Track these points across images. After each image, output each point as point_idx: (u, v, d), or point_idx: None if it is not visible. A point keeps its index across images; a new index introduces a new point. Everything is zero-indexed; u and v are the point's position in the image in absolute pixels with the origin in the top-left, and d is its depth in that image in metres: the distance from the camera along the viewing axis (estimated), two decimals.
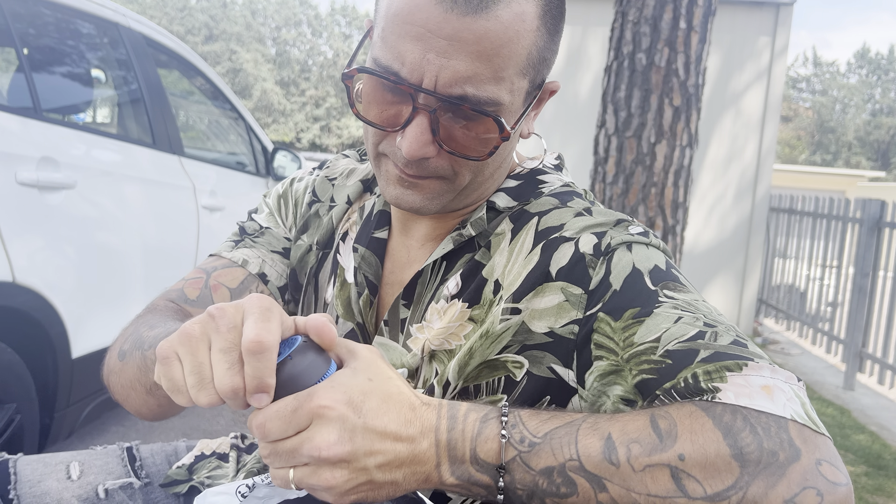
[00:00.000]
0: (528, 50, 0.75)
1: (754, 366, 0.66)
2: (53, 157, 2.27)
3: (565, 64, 6.60)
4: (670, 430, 0.62)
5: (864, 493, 3.26)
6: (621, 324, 0.73)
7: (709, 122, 6.33)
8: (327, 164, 1.09)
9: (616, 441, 0.62)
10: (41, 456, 1.04)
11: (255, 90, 45.13)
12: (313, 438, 0.60)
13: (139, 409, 0.90)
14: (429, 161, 0.78)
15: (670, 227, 3.60)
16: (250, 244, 1.03)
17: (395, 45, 0.73)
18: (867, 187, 20.34)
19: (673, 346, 0.69)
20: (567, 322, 0.78)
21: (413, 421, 0.64)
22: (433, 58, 0.71)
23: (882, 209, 5.40)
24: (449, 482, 0.65)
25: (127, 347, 0.89)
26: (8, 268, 2.06)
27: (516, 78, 0.76)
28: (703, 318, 0.72)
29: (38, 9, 2.47)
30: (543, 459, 0.63)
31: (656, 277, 0.76)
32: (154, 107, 3.04)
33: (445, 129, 0.76)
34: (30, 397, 2.20)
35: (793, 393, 0.65)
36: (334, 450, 0.60)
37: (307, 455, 0.60)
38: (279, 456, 0.62)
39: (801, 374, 5.62)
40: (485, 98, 0.73)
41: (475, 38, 0.71)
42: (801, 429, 0.62)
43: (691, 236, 6.38)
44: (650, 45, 3.52)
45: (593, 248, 0.79)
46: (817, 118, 49.58)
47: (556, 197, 0.88)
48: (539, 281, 0.80)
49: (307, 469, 0.61)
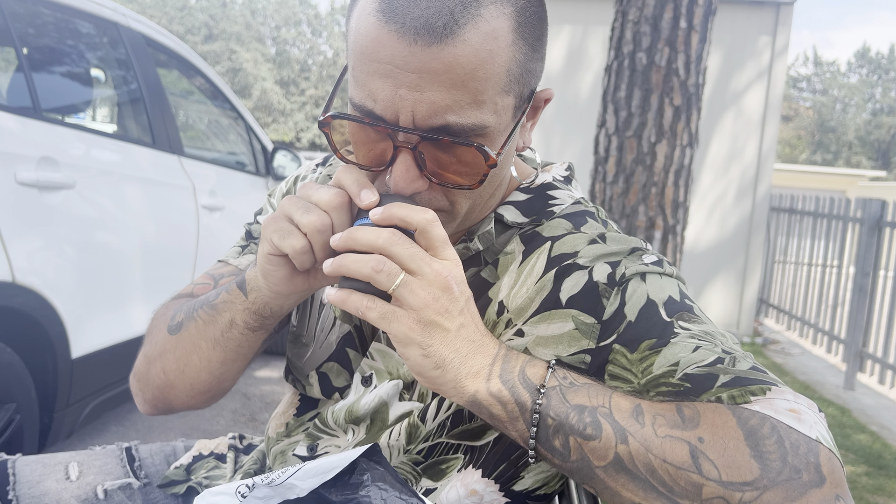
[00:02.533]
0: (507, 66, 0.71)
1: (777, 390, 0.66)
2: (53, 156, 2.26)
3: (565, 63, 6.59)
4: (693, 418, 0.64)
5: (864, 493, 3.26)
6: (638, 355, 0.73)
7: (709, 121, 6.33)
8: (329, 162, 1.07)
9: (644, 409, 0.66)
10: (40, 456, 1.04)
11: (255, 90, 45.12)
12: (448, 266, 0.69)
13: (196, 378, 0.91)
14: (422, 195, 0.75)
15: (671, 227, 3.60)
16: (255, 249, 1.03)
17: (365, 84, 0.70)
18: (868, 187, 20.33)
19: (692, 370, 0.69)
20: (577, 351, 0.77)
21: (485, 332, 0.73)
22: (405, 93, 0.68)
23: (882, 209, 5.40)
24: (493, 386, 0.69)
25: (182, 318, 0.92)
26: (7, 268, 2.06)
27: (499, 97, 0.72)
28: (721, 346, 0.72)
29: (37, 8, 2.46)
30: (580, 397, 0.68)
31: (671, 308, 0.76)
32: (154, 106, 3.03)
33: (432, 161, 0.73)
34: (29, 397, 2.19)
35: (817, 419, 0.65)
36: (456, 285, 0.69)
37: (437, 269, 0.68)
38: (406, 249, 0.67)
39: (802, 373, 5.61)
40: (468, 125, 0.70)
41: (445, 68, 0.67)
42: (831, 457, 0.62)
43: (692, 236, 6.38)
44: (650, 44, 3.52)
45: (607, 277, 0.78)
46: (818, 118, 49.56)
47: (569, 219, 0.86)
48: (547, 307, 0.80)
49: (420, 279, 0.67)
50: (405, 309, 0.67)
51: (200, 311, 0.89)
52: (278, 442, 0.97)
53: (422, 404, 0.85)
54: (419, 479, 0.85)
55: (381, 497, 0.68)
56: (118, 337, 2.59)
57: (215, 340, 0.88)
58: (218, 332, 0.87)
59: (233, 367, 0.91)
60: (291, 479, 0.70)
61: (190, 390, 0.92)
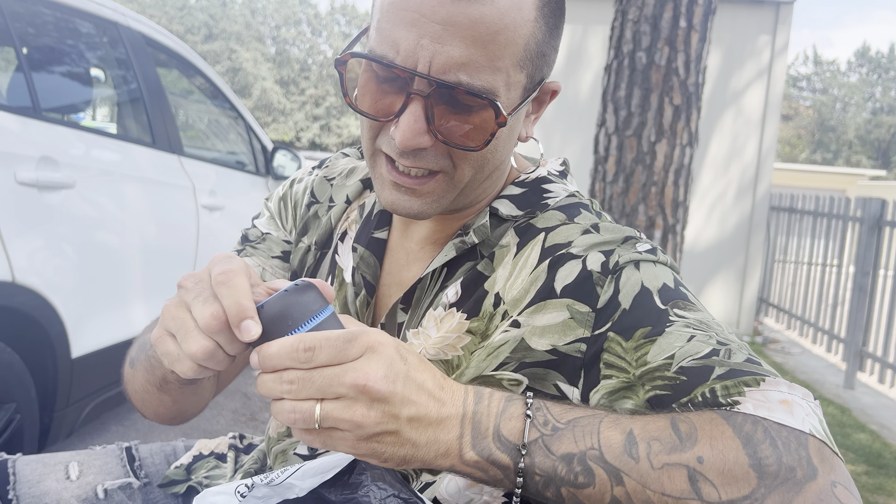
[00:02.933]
0: (526, 41, 0.74)
1: (772, 381, 0.66)
2: (53, 156, 2.26)
3: (566, 63, 6.59)
4: (690, 434, 0.62)
5: (864, 493, 3.26)
6: (633, 343, 0.73)
7: (709, 120, 6.33)
8: (326, 164, 1.07)
9: (637, 437, 0.62)
10: (40, 456, 1.04)
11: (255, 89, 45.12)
12: (361, 368, 0.59)
13: (157, 410, 0.91)
14: (425, 153, 0.76)
15: (670, 226, 3.59)
16: (251, 252, 1.03)
17: (389, 33, 0.72)
18: (868, 186, 20.32)
19: (687, 363, 0.69)
20: (573, 340, 0.77)
21: (444, 387, 0.64)
22: (427, 43, 0.70)
23: (882, 208, 5.40)
24: (468, 458, 0.64)
25: (134, 354, 0.91)
26: (7, 267, 2.06)
27: (513, 70, 0.74)
28: (716, 336, 0.72)
29: (37, 8, 2.46)
30: (565, 445, 0.63)
31: (665, 296, 0.76)
32: (153, 106, 3.03)
33: (441, 117, 0.74)
34: (29, 397, 2.19)
35: (810, 409, 0.65)
36: (380, 385, 0.59)
37: (350, 384, 0.58)
38: (311, 383, 0.58)
39: (802, 372, 5.62)
40: (479, 86, 0.72)
41: (470, 23, 0.70)
42: (821, 446, 0.62)
43: (692, 235, 6.38)
44: (650, 43, 3.52)
45: (601, 266, 0.78)
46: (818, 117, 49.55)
47: (563, 211, 0.86)
48: (542, 297, 0.79)
49: (340, 403, 0.59)
50: (342, 431, 0.61)
51: (142, 357, 0.87)
52: (279, 441, 0.97)
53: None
54: (419, 475, 0.85)
55: (380, 496, 0.68)
56: (118, 336, 2.59)
57: (159, 387, 0.86)
58: (158, 382, 0.85)
59: (190, 404, 0.91)
60: (290, 479, 0.70)
61: (156, 417, 0.93)
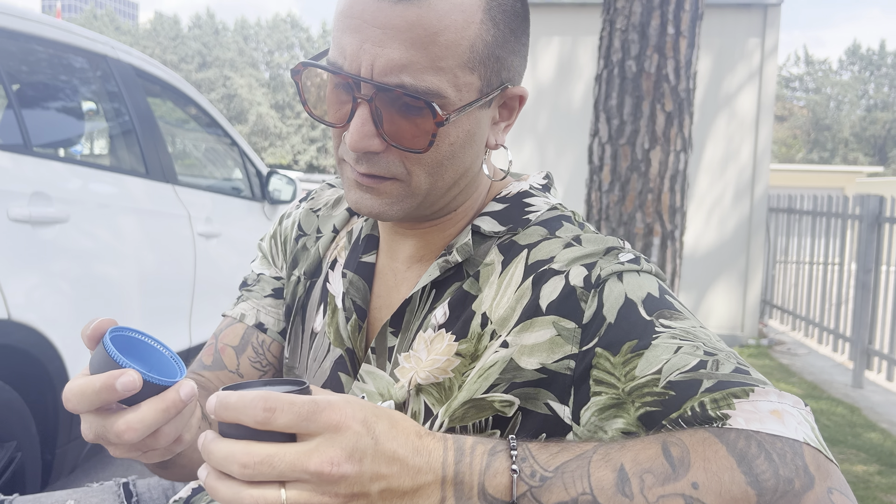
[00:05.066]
0: (472, 42, 0.74)
1: (761, 391, 0.65)
2: (45, 191, 2.26)
3: (556, 74, 6.61)
4: (683, 458, 0.61)
5: (877, 493, 3.22)
6: (620, 358, 0.72)
7: (703, 125, 6.33)
8: (311, 196, 1.08)
9: (629, 472, 0.60)
10: (37, 496, 1.03)
11: (251, 115, 45.36)
12: (325, 452, 0.55)
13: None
14: (378, 158, 0.77)
15: (669, 233, 3.59)
16: (247, 296, 1.04)
17: (338, 40, 0.75)
18: (866, 183, 20.34)
19: (675, 377, 0.68)
20: (562, 357, 0.76)
21: (420, 450, 0.61)
22: (369, 47, 0.72)
23: (881, 204, 5.39)
24: None
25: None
26: (3, 305, 2.05)
27: (460, 71, 0.74)
28: (703, 346, 0.71)
29: (24, 44, 2.47)
30: (555, 495, 0.61)
31: (650, 306, 0.75)
32: (145, 136, 3.04)
33: (388, 121, 0.75)
34: (30, 434, 2.18)
35: (801, 417, 0.65)
36: (345, 467, 0.55)
37: (314, 470, 0.54)
38: (272, 468, 0.54)
39: (810, 373, 5.58)
40: (423, 88, 0.73)
41: (407, 26, 0.71)
42: (815, 454, 0.61)
43: (691, 240, 6.37)
44: (639, 51, 3.53)
45: (583, 280, 0.77)
46: (812, 116, 49.70)
47: (545, 225, 0.86)
48: (528, 315, 0.79)
49: (305, 487, 0.55)
50: None
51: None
52: None
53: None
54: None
55: None
56: None
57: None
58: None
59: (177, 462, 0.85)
60: None
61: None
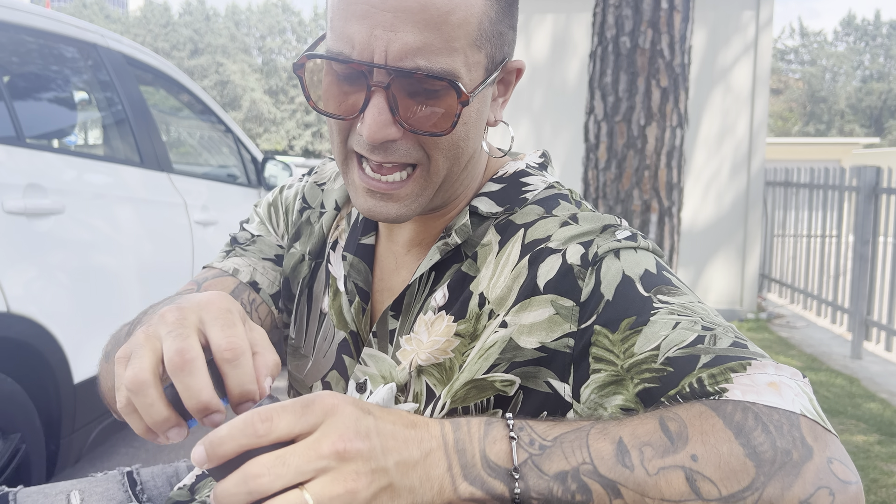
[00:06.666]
0: (479, 20, 0.73)
1: (758, 364, 0.65)
2: (40, 183, 2.25)
3: (551, 52, 6.57)
4: (681, 432, 0.61)
5: (878, 462, 3.25)
6: (619, 335, 0.72)
7: (698, 100, 6.31)
8: (315, 170, 1.07)
9: (628, 444, 0.60)
10: (41, 487, 1.03)
11: (245, 101, 45.14)
12: (334, 432, 0.53)
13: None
14: (395, 146, 0.75)
15: (666, 209, 3.58)
16: (241, 253, 1.02)
17: (343, 29, 0.72)
18: (862, 154, 20.31)
19: (673, 353, 0.68)
20: (561, 335, 0.76)
21: (417, 423, 0.60)
22: (380, 33, 0.70)
23: (878, 175, 5.39)
24: (463, 491, 0.60)
25: (110, 348, 0.88)
26: (2, 298, 2.05)
27: (470, 50, 0.74)
28: (701, 321, 0.71)
29: (14, 35, 2.45)
30: (556, 463, 0.60)
31: (648, 283, 0.75)
32: (139, 125, 3.02)
33: (405, 106, 0.73)
34: (34, 426, 2.18)
35: (799, 389, 0.64)
36: (358, 443, 0.54)
37: (329, 452, 0.53)
38: (287, 466, 0.52)
39: (808, 346, 5.61)
40: (438, 70, 0.71)
41: (419, 7, 0.69)
42: (813, 425, 0.61)
43: (689, 216, 6.36)
44: (633, 27, 3.50)
45: (580, 258, 0.77)
46: (808, 89, 49.53)
47: (541, 204, 0.85)
48: (526, 294, 0.79)
49: (327, 477, 0.53)
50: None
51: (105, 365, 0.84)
52: None
53: (417, 405, 0.84)
54: None
55: None
56: None
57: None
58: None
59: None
60: None
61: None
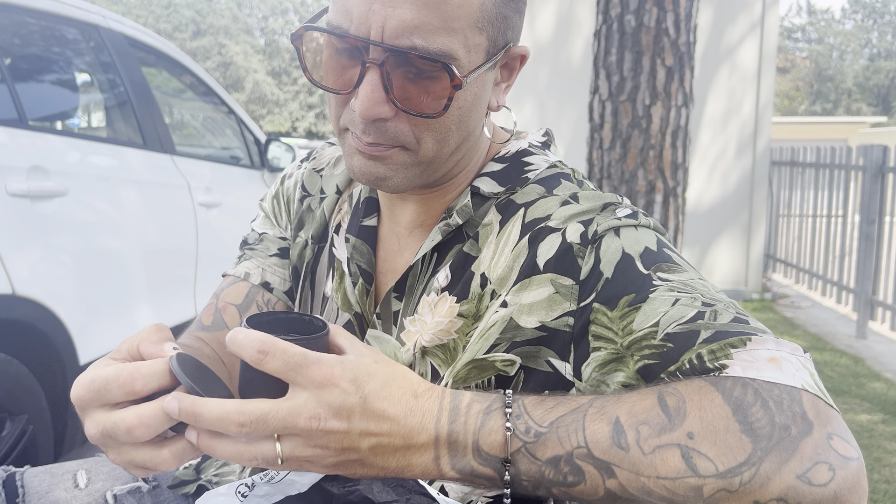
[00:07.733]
0: (482, 1, 0.72)
1: (758, 339, 0.65)
2: (43, 165, 2.25)
3: (555, 32, 6.52)
4: (679, 408, 0.61)
5: (882, 441, 3.26)
6: (618, 312, 0.72)
7: (704, 78, 6.26)
8: (313, 156, 1.07)
9: (624, 424, 0.61)
10: (48, 467, 1.04)
11: (248, 82, 44.97)
12: (312, 409, 0.58)
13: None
14: (387, 125, 0.75)
15: (671, 189, 3.57)
16: (250, 255, 1.04)
17: (341, 2, 0.72)
18: (869, 133, 20.15)
19: (673, 329, 0.68)
20: (560, 314, 0.76)
21: (414, 410, 0.62)
22: (378, 8, 0.69)
23: (885, 154, 5.35)
24: (449, 475, 0.63)
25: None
26: (7, 280, 2.06)
27: (470, 32, 0.73)
28: (701, 297, 0.70)
29: (15, 16, 2.44)
30: (550, 449, 0.61)
31: (648, 260, 0.74)
32: (141, 107, 3.01)
33: (399, 86, 0.73)
34: (40, 407, 2.20)
35: (800, 364, 0.64)
36: (332, 423, 0.58)
37: (303, 427, 0.58)
38: (266, 425, 0.58)
39: (813, 325, 5.60)
40: (435, 50, 0.70)
41: None
42: (815, 400, 0.61)
43: (694, 195, 6.34)
44: (638, 5, 3.46)
45: (580, 236, 0.77)
46: (815, 67, 49.09)
47: (542, 183, 0.85)
48: (526, 274, 0.78)
49: (298, 439, 0.59)
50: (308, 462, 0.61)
51: None
52: None
53: None
54: None
55: (382, 487, 0.68)
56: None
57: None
58: None
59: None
60: (291, 475, 0.70)
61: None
